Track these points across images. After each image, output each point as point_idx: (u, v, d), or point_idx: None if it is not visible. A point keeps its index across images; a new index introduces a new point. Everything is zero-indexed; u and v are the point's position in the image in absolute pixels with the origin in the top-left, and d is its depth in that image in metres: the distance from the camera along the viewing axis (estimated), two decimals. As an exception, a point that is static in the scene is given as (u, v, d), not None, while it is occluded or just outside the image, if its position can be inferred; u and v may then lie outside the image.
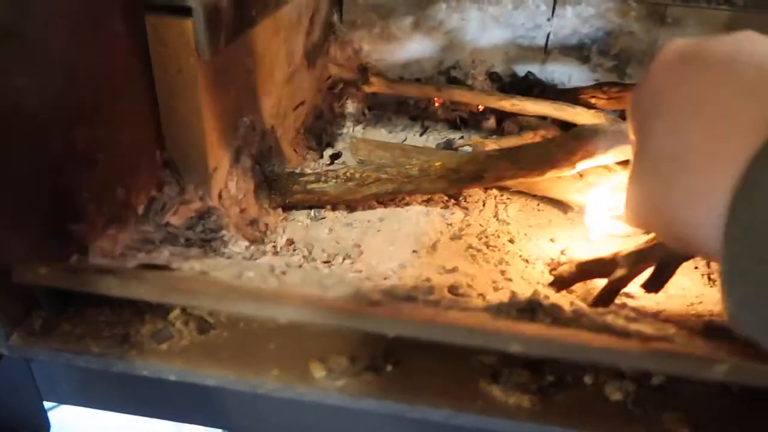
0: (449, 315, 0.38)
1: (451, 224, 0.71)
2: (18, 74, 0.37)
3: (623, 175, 0.68)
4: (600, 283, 0.56)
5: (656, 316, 0.49)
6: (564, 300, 0.49)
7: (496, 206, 0.75)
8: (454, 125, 0.93)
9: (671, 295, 0.60)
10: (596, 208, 0.69)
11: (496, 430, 0.36)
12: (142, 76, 0.53)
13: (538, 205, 0.76)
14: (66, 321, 0.40)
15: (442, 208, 0.73)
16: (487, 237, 0.70)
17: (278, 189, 0.67)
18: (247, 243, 0.56)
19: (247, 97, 0.67)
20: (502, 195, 0.76)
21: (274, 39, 0.73)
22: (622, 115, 0.72)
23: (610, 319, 0.41)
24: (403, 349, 0.40)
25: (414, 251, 0.66)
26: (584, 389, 0.38)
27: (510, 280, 0.61)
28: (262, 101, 0.71)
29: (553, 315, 0.41)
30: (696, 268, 0.65)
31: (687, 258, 0.54)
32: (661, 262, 0.49)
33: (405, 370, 0.39)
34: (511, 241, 0.70)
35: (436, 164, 0.63)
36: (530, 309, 0.41)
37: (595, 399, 0.37)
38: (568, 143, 0.60)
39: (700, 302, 0.58)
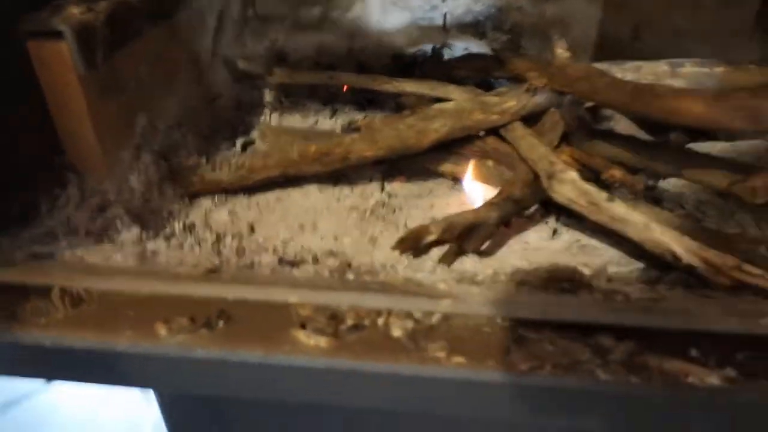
0: (267, 275, 0.48)
1: (339, 199, 0.80)
2: None
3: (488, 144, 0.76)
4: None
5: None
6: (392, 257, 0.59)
7: (383, 180, 0.83)
8: (361, 106, 1.01)
9: (514, 249, 0.69)
10: (469, 175, 0.77)
11: (298, 366, 0.45)
12: (32, 92, 0.61)
13: (422, 176, 0.84)
14: (-37, 304, 0.50)
15: (333, 185, 0.82)
16: (371, 209, 0.78)
17: (180, 180, 0.76)
18: (138, 230, 0.65)
19: (145, 99, 0.75)
20: (389, 169, 0.84)
21: (171, 42, 0.81)
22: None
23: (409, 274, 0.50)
24: (237, 309, 0.50)
25: (301, 226, 0.75)
26: (375, 329, 0.48)
27: (375, 246, 0.71)
28: (164, 100, 0.80)
29: (359, 275, 0.50)
30: (546, 222, 0.73)
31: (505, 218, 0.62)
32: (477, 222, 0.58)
33: (233, 325, 0.48)
34: (394, 211, 0.79)
35: (311, 149, 0.72)
36: (341, 271, 0.51)
37: (380, 335, 0.47)
38: (417, 125, 0.68)
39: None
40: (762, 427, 0.43)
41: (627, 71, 0.69)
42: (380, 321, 0.48)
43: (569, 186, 0.57)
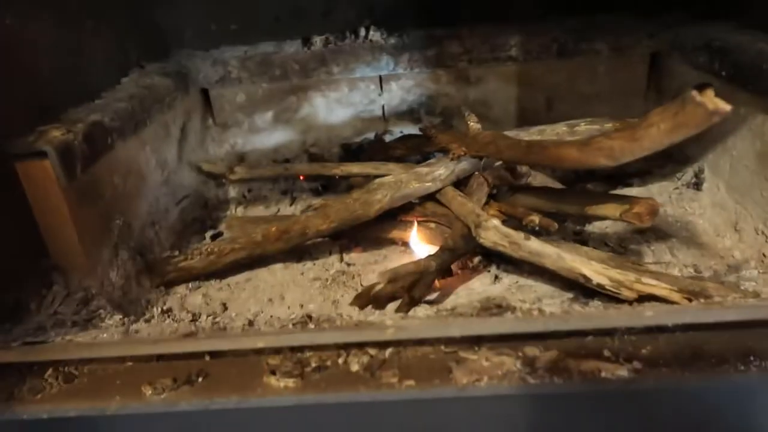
0: (238, 332, 0.55)
1: (302, 273, 0.88)
2: None
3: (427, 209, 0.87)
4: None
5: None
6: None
7: (341, 252, 0.92)
8: (317, 192, 1.12)
9: (461, 295, 0.77)
10: (415, 237, 0.87)
11: (270, 406, 0.52)
12: (19, 204, 0.70)
13: (376, 245, 0.94)
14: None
15: (297, 261, 0.91)
16: (332, 277, 0.87)
17: (156, 272, 0.84)
18: (120, 317, 0.71)
19: (120, 203, 0.84)
20: (345, 242, 0.94)
21: (140, 153, 0.91)
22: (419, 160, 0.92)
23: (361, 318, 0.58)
24: (214, 366, 0.56)
25: (270, 300, 0.83)
26: (336, 367, 0.55)
27: (341, 314, 0.78)
28: (136, 204, 0.89)
29: (319, 323, 0.58)
30: (488, 271, 0.83)
31: (447, 268, 0.71)
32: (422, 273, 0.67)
33: (211, 379, 0.55)
34: (353, 277, 0.87)
35: (272, 229, 0.81)
36: (303, 322, 0.59)
37: (341, 371, 0.54)
38: (362, 197, 0.78)
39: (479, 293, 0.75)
40: (663, 404, 0.51)
41: (533, 134, 0.82)
42: (340, 360, 0.55)
43: (493, 231, 0.67)
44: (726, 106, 0.43)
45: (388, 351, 0.56)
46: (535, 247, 0.64)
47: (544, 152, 0.61)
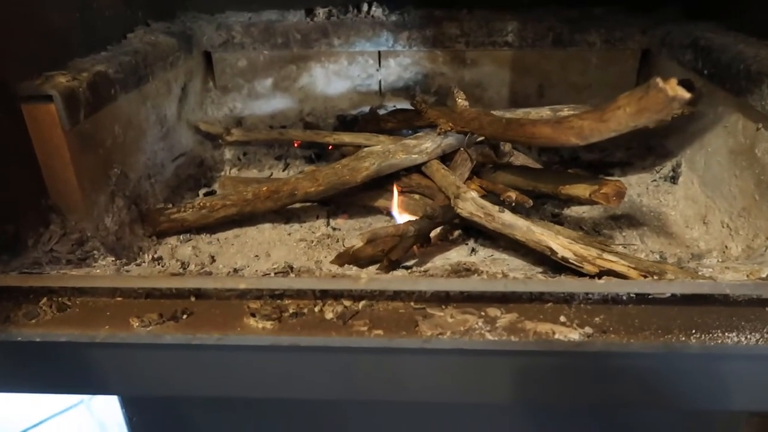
0: (222, 275, 0.59)
1: (289, 234, 0.92)
2: None
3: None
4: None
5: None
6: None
7: (328, 217, 0.96)
8: (310, 160, 1.15)
9: (437, 264, 0.81)
10: (396, 205, 0.91)
11: (248, 344, 0.56)
12: (23, 145, 0.73)
13: (363, 213, 0.98)
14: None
15: (285, 222, 0.95)
16: (317, 240, 0.91)
17: (149, 221, 0.87)
18: (113, 259, 0.75)
19: (119, 153, 0.87)
20: (333, 207, 0.98)
21: (141, 107, 0.95)
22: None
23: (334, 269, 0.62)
24: (198, 306, 0.60)
25: (256, 256, 0.87)
26: (312, 314, 0.59)
27: (321, 267, 0.82)
28: (135, 155, 0.92)
29: (298, 272, 0.62)
30: (466, 244, 0.87)
31: (428, 232, 0.75)
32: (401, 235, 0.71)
33: (195, 317, 0.59)
34: (338, 241, 0.91)
35: (263, 189, 0.85)
36: (284, 272, 0.63)
37: (316, 318, 0.58)
38: (350, 164, 0.82)
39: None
40: (609, 367, 0.55)
41: (518, 115, 0.85)
42: (316, 308, 0.59)
43: (470, 202, 0.71)
44: (685, 94, 0.46)
45: (362, 303, 0.60)
46: (508, 219, 0.68)
47: (521, 129, 0.65)
